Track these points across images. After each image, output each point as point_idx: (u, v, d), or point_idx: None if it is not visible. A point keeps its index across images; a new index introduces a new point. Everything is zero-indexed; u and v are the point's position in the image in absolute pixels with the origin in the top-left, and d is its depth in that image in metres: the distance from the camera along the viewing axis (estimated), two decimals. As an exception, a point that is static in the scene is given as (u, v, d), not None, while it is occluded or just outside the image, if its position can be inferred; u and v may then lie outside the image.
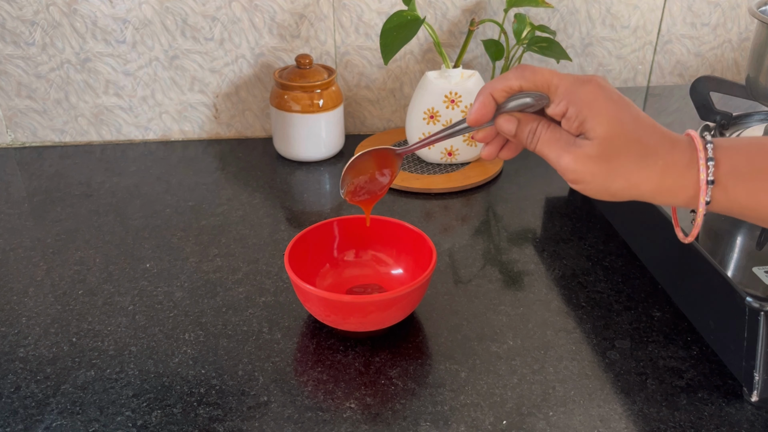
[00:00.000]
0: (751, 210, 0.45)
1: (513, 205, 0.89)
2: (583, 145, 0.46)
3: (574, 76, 0.46)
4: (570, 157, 0.46)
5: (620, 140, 0.45)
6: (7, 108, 1.02)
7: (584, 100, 0.45)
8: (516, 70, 0.47)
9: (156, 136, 1.06)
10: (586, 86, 0.45)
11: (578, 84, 0.46)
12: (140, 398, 0.59)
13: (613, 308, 0.70)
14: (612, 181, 0.46)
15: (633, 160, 0.45)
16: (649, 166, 0.45)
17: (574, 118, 0.46)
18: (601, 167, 0.45)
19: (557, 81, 0.46)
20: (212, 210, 0.87)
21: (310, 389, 0.60)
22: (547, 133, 0.48)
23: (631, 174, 0.45)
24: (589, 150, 0.45)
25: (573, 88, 0.46)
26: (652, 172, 0.45)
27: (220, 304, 0.70)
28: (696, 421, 0.57)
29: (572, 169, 0.46)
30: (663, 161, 0.45)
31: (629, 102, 0.46)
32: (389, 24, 0.89)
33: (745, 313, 0.57)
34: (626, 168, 0.45)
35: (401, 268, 0.72)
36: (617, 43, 1.06)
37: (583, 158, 0.46)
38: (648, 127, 0.46)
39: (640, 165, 0.45)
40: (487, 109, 0.49)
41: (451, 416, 0.57)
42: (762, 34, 0.74)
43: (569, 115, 0.46)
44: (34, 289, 0.73)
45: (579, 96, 0.45)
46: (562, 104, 0.46)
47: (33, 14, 0.95)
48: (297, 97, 0.94)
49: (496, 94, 0.48)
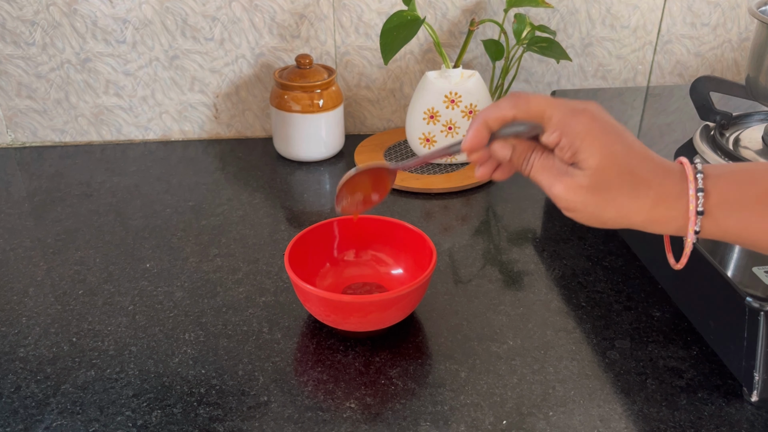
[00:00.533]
0: (741, 238, 0.46)
1: (513, 205, 0.89)
2: (575, 175, 0.46)
3: (568, 106, 0.47)
4: (562, 186, 0.47)
5: (612, 172, 0.45)
6: (8, 108, 1.02)
7: (577, 131, 0.45)
8: (510, 99, 0.48)
9: (156, 136, 1.06)
10: (580, 117, 0.46)
11: (571, 115, 0.46)
12: (140, 398, 0.59)
13: (613, 308, 0.70)
14: (603, 211, 0.47)
15: (624, 191, 0.45)
16: (640, 198, 0.45)
17: (567, 148, 0.46)
18: (593, 197, 0.46)
19: (550, 111, 0.47)
20: (212, 210, 0.87)
21: (310, 389, 0.60)
22: (540, 161, 0.48)
23: (622, 205, 0.46)
24: (581, 180, 0.46)
25: (566, 119, 0.46)
26: (643, 203, 0.46)
27: (220, 304, 0.70)
28: (696, 421, 0.57)
29: (564, 197, 0.47)
30: (654, 192, 0.45)
31: (623, 131, 0.46)
32: (389, 24, 0.89)
33: (745, 313, 0.57)
34: (617, 199, 0.46)
35: (401, 268, 0.72)
36: (617, 43, 1.06)
37: (574, 188, 0.46)
38: (641, 158, 0.46)
39: (631, 196, 0.46)
40: (481, 136, 0.49)
41: (451, 416, 0.57)
42: (762, 34, 0.74)
43: (562, 145, 0.46)
44: (34, 289, 0.73)
45: (572, 127, 0.46)
46: (555, 135, 0.46)
47: (33, 14, 0.96)
48: (297, 97, 0.94)
49: (491, 123, 0.49)
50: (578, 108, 0.46)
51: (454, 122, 0.93)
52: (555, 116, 0.46)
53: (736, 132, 0.81)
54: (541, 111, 0.47)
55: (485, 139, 0.50)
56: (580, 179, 0.46)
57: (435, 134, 0.94)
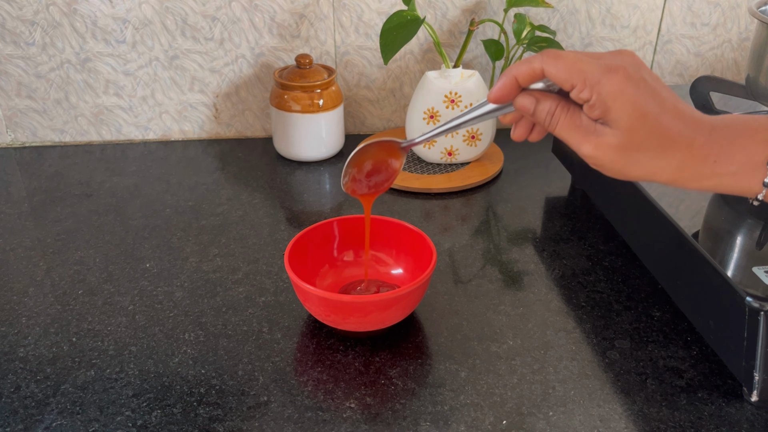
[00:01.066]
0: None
1: (513, 205, 0.89)
2: (604, 134, 0.46)
3: (602, 62, 0.45)
4: (590, 146, 0.46)
5: (642, 132, 0.45)
6: (7, 108, 1.02)
7: (609, 90, 0.44)
8: (541, 55, 0.47)
9: (156, 136, 1.06)
10: (613, 76, 0.44)
11: (605, 72, 0.44)
12: (140, 398, 0.59)
13: (613, 308, 0.70)
14: (630, 169, 0.46)
15: (652, 153, 0.45)
16: (667, 158, 0.45)
17: (597, 107, 0.45)
18: (621, 156, 0.46)
19: (582, 66, 0.45)
20: (212, 210, 0.87)
21: (310, 389, 0.60)
22: (566, 119, 0.47)
23: (650, 164, 0.46)
24: (610, 140, 0.45)
25: (599, 75, 0.44)
26: (669, 163, 0.45)
27: (220, 304, 0.70)
28: (696, 420, 0.57)
29: (593, 156, 0.47)
30: (681, 155, 0.45)
31: (657, 87, 0.45)
32: (389, 24, 0.89)
33: (745, 313, 0.57)
34: (645, 159, 0.46)
35: (401, 268, 0.72)
36: (617, 43, 1.06)
37: (603, 147, 0.46)
38: (672, 116, 0.45)
39: (659, 157, 0.45)
40: (509, 89, 0.48)
41: (451, 416, 0.57)
42: (762, 34, 0.74)
43: (593, 102, 0.45)
44: (34, 289, 0.73)
45: (604, 86, 0.44)
46: (585, 92, 0.45)
47: (33, 14, 0.95)
48: (297, 97, 0.94)
49: (520, 78, 0.48)
50: (613, 65, 0.45)
51: (454, 122, 0.93)
52: (587, 73, 0.45)
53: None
54: (573, 67, 0.45)
55: (513, 92, 0.48)
56: (609, 138, 0.45)
57: (435, 134, 0.93)
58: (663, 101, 0.45)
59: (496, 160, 0.98)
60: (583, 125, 0.47)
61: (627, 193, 0.74)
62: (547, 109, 0.48)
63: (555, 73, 0.46)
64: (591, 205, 0.88)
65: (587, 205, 0.88)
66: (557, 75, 0.46)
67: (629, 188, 0.73)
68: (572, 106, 0.47)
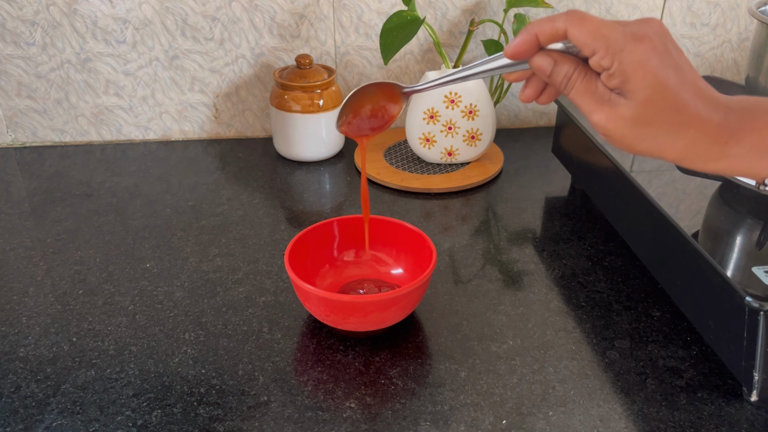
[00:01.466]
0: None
1: (513, 205, 0.89)
2: (618, 104, 0.44)
3: (628, 30, 0.44)
4: (602, 115, 0.45)
5: (657, 107, 0.44)
6: (8, 108, 1.02)
7: (632, 60, 0.43)
8: (566, 14, 0.45)
9: (156, 136, 1.06)
10: (638, 45, 0.43)
11: (630, 41, 0.43)
12: (140, 398, 0.59)
13: (613, 308, 0.70)
14: (639, 143, 0.45)
15: (665, 128, 0.44)
16: (679, 135, 0.44)
17: (616, 75, 0.44)
18: (632, 130, 0.45)
19: (607, 32, 0.44)
20: (212, 210, 0.87)
21: (310, 389, 0.60)
22: (582, 84, 0.46)
23: (660, 140, 0.45)
24: (624, 111, 0.44)
25: (623, 43, 0.43)
26: (680, 141, 0.45)
27: (220, 304, 0.70)
28: (696, 420, 0.57)
29: (604, 125, 0.45)
30: (694, 133, 0.44)
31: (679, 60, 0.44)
32: (389, 24, 0.89)
33: (745, 313, 0.57)
34: (657, 134, 0.45)
35: (401, 268, 0.72)
36: (617, 43, 1.06)
37: (615, 118, 0.45)
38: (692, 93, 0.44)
39: (671, 133, 0.44)
40: (529, 45, 0.46)
41: (451, 416, 0.57)
42: (762, 34, 0.74)
43: (613, 71, 0.44)
44: (35, 288, 0.73)
45: (627, 54, 0.43)
46: (607, 59, 0.44)
47: (33, 14, 0.96)
48: (297, 97, 0.94)
49: (542, 36, 0.46)
50: (638, 33, 0.43)
51: (454, 122, 0.93)
52: (611, 39, 0.43)
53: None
54: (597, 31, 0.44)
55: (533, 48, 0.47)
56: (623, 110, 0.44)
57: (435, 134, 0.94)
58: (684, 76, 0.44)
59: (496, 160, 0.98)
60: (598, 92, 0.45)
61: (627, 193, 0.74)
62: (564, 72, 0.46)
63: (578, 35, 0.44)
64: (591, 205, 0.88)
65: (587, 205, 0.88)
66: (580, 38, 0.44)
67: (629, 188, 0.73)
68: (590, 72, 0.46)
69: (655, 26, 0.44)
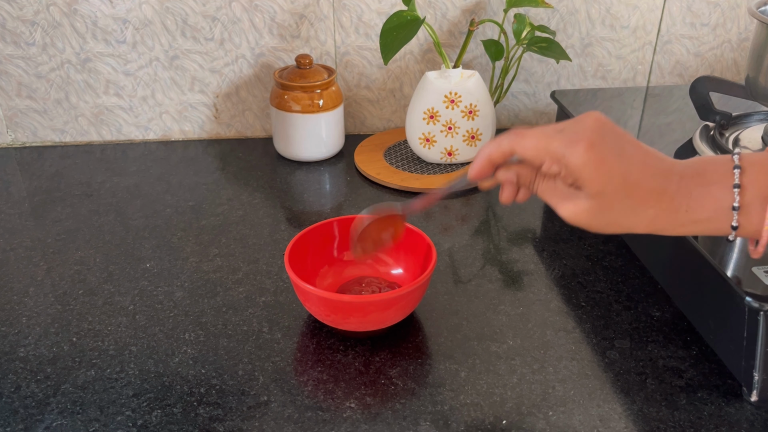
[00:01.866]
0: None
1: (513, 205, 0.88)
2: (578, 198, 0.49)
3: (564, 136, 0.48)
4: (567, 209, 0.50)
5: (611, 194, 0.47)
6: (8, 108, 1.02)
7: (575, 162, 0.47)
8: (509, 135, 0.50)
9: (156, 136, 1.06)
10: (576, 148, 0.47)
11: (567, 146, 0.47)
12: (140, 398, 0.59)
13: (613, 308, 0.70)
14: (607, 227, 0.49)
15: (626, 210, 0.48)
16: (641, 213, 0.48)
17: (567, 176, 0.49)
18: (596, 218, 0.49)
19: (545, 144, 0.48)
20: (212, 210, 0.87)
21: (310, 389, 0.60)
22: (545, 184, 0.51)
23: (625, 220, 0.48)
24: (584, 204, 0.48)
25: (563, 150, 0.47)
26: (645, 217, 0.48)
27: (220, 304, 0.70)
28: (695, 420, 0.57)
29: (569, 217, 0.50)
30: (654, 207, 0.47)
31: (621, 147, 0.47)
32: (389, 24, 0.89)
33: (745, 313, 0.57)
34: (620, 217, 0.48)
35: (401, 268, 0.72)
36: (617, 43, 1.06)
37: (578, 211, 0.49)
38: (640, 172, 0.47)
39: (633, 213, 0.48)
40: (487, 167, 0.53)
41: (451, 416, 0.57)
42: (762, 34, 0.74)
43: (563, 174, 0.49)
44: (35, 289, 0.73)
45: (568, 159, 0.47)
46: (554, 166, 0.49)
47: (33, 14, 0.96)
48: (297, 97, 0.94)
49: (494, 158, 0.52)
50: (574, 137, 0.47)
51: (454, 122, 0.93)
52: (551, 149, 0.48)
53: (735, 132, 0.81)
54: (538, 145, 0.49)
55: (489, 171, 0.53)
56: (582, 203, 0.48)
57: (435, 134, 0.94)
58: (629, 159, 0.47)
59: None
60: (558, 190, 0.50)
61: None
62: (527, 178, 0.52)
63: (523, 152, 0.50)
64: (591, 205, 0.88)
65: (587, 205, 0.88)
66: (525, 153, 0.50)
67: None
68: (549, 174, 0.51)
69: (589, 122, 0.48)
